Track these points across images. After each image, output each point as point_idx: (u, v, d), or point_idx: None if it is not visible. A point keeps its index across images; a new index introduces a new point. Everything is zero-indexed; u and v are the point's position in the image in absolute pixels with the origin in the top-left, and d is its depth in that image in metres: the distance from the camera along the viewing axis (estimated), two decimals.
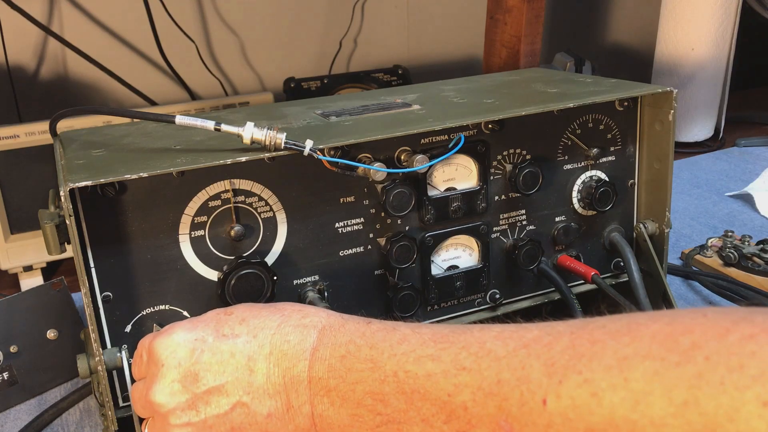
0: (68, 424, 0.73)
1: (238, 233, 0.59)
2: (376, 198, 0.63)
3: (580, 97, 0.67)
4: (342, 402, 0.43)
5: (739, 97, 1.74)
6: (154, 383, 0.47)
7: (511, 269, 0.71)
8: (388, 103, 0.71)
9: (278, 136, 0.55)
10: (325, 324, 0.46)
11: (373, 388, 0.42)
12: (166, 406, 0.46)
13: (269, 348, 0.45)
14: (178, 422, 0.46)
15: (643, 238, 0.73)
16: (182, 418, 0.46)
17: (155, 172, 0.53)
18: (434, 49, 1.63)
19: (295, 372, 0.45)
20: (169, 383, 0.46)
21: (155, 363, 0.47)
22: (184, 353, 0.46)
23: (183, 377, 0.46)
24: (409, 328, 0.44)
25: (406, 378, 0.41)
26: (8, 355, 0.75)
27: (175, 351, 0.47)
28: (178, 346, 0.47)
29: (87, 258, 0.55)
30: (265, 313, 0.48)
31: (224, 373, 0.46)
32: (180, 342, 0.47)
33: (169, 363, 0.46)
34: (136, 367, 0.51)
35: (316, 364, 0.44)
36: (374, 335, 0.44)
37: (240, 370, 0.45)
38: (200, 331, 0.47)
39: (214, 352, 0.46)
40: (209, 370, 0.46)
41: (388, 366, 0.42)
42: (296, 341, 0.45)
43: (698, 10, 1.41)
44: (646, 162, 0.73)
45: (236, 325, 0.47)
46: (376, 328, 0.45)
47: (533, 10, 1.18)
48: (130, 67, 1.32)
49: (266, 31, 1.45)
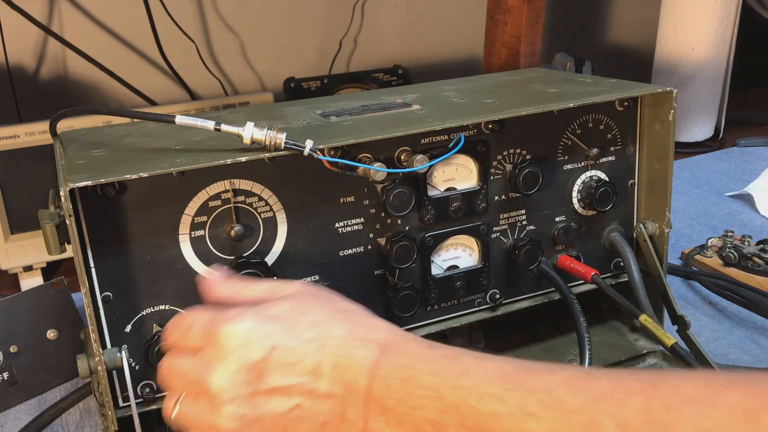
0: (68, 424, 0.73)
1: (238, 233, 0.59)
2: (376, 198, 0.63)
3: (580, 97, 0.67)
4: (398, 424, 0.43)
5: (739, 97, 1.74)
6: (216, 367, 0.46)
7: (511, 269, 0.71)
8: (388, 103, 0.71)
9: (278, 136, 0.55)
10: (389, 342, 0.46)
11: (433, 416, 0.42)
12: (223, 393, 0.46)
13: (335, 359, 0.45)
14: (233, 413, 0.46)
15: (643, 238, 0.73)
16: (238, 410, 0.46)
17: (155, 172, 0.53)
18: (434, 49, 1.63)
19: (355, 387, 0.45)
20: (234, 373, 0.46)
21: (219, 347, 0.46)
22: (255, 347, 0.46)
23: (249, 370, 0.46)
24: (472, 359, 0.44)
25: (469, 413, 0.40)
26: (8, 355, 0.75)
27: (247, 343, 0.46)
28: (250, 339, 0.46)
29: (87, 258, 0.55)
30: (336, 320, 0.48)
31: (291, 374, 0.46)
32: (252, 334, 0.46)
33: (237, 353, 0.46)
34: (179, 337, 0.50)
35: (376, 382, 0.44)
36: (437, 362, 0.44)
37: (306, 374, 0.45)
38: (274, 327, 0.47)
39: (284, 352, 0.46)
40: (277, 368, 0.46)
41: (450, 398, 0.41)
42: (360, 356, 0.45)
43: (698, 10, 1.41)
44: (646, 162, 0.73)
45: (309, 329, 0.47)
46: (439, 354, 0.45)
47: (533, 10, 1.18)
48: (130, 67, 1.32)
49: (266, 31, 1.45)
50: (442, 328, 0.69)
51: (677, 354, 0.66)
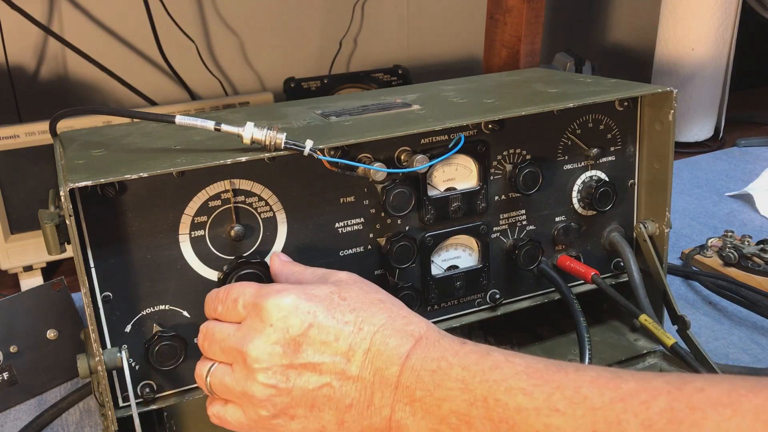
0: (68, 424, 0.73)
1: (238, 233, 0.59)
2: (376, 198, 0.63)
3: (580, 97, 0.67)
4: (424, 414, 0.44)
5: (739, 97, 1.74)
6: (256, 337, 0.48)
7: (511, 269, 0.71)
8: (388, 103, 0.71)
9: (278, 136, 0.55)
10: (423, 334, 0.48)
11: (460, 408, 0.43)
12: (260, 362, 0.47)
13: (369, 344, 0.47)
14: (266, 381, 0.48)
15: (643, 238, 0.73)
16: (271, 380, 0.47)
17: (155, 172, 0.53)
18: (434, 49, 1.63)
19: (385, 374, 0.46)
20: (272, 343, 0.48)
21: (261, 319, 0.48)
22: (294, 321, 0.48)
23: (287, 343, 0.47)
24: (503, 356, 0.44)
25: (496, 406, 0.41)
26: (8, 355, 0.75)
27: (288, 316, 0.48)
28: (291, 313, 0.48)
29: (87, 258, 0.55)
30: (374, 309, 0.49)
31: (325, 353, 0.47)
32: (294, 309, 0.48)
33: (277, 325, 0.48)
34: (221, 309, 0.52)
35: (407, 372, 0.46)
36: (467, 356, 0.45)
37: (339, 355, 0.47)
38: (314, 306, 0.48)
39: (321, 330, 0.48)
40: (312, 345, 0.47)
41: (478, 390, 0.42)
42: (394, 345, 0.47)
43: (698, 10, 1.41)
44: (646, 162, 0.73)
45: (347, 313, 0.49)
46: (470, 350, 0.46)
47: (533, 10, 1.18)
48: (130, 67, 1.32)
49: (266, 31, 1.45)
50: (442, 328, 0.68)
51: (677, 354, 0.66)
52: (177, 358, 0.58)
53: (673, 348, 0.65)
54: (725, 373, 0.69)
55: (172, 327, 0.58)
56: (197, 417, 0.65)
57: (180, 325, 0.59)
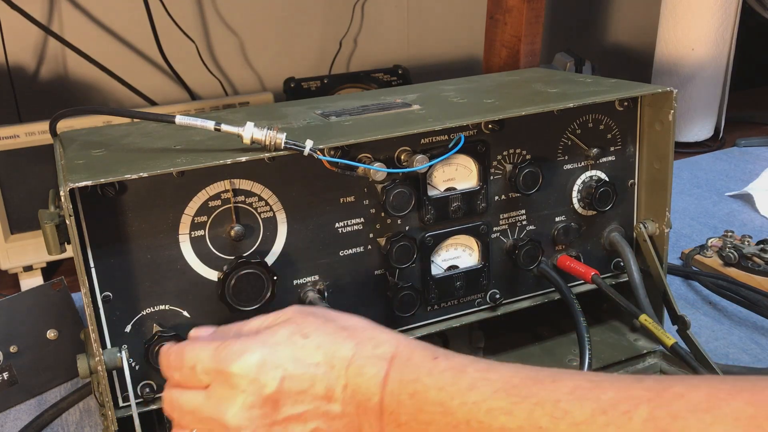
0: (68, 424, 0.73)
1: (238, 233, 0.58)
2: (376, 198, 0.63)
3: (580, 97, 0.67)
4: None
5: (739, 97, 1.74)
6: (230, 406, 0.47)
7: (511, 269, 0.71)
8: (388, 103, 0.71)
9: (278, 136, 0.55)
10: (394, 353, 0.47)
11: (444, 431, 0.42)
12: (243, 429, 0.46)
13: (345, 380, 0.46)
14: None
15: (643, 238, 0.73)
16: None
17: (155, 172, 0.53)
18: (434, 49, 1.63)
19: (369, 405, 0.45)
20: (248, 408, 0.46)
21: (231, 385, 0.47)
22: (265, 379, 0.46)
23: (263, 403, 0.46)
24: (478, 372, 0.44)
25: (480, 428, 0.41)
26: (8, 355, 0.75)
27: (257, 378, 0.46)
28: (260, 373, 0.46)
29: (87, 258, 0.55)
30: (339, 339, 0.48)
31: (304, 402, 0.46)
32: (261, 367, 0.47)
33: (249, 389, 0.46)
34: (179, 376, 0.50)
35: (387, 397, 0.45)
36: (442, 376, 0.44)
37: (318, 399, 0.46)
38: (280, 356, 0.47)
39: (294, 380, 0.46)
40: (290, 397, 0.46)
41: (459, 413, 0.42)
42: (369, 374, 0.46)
43: (698, 10, 1.41)
44: (646, 162, 0.73)
45: (314, 352, 0.47)
46: (444, 368, 0.45)
47: (533, 10, 1.18)
48: (130, 67, 1.32)
49: (266, 31, 1.45)
50: (442, 328, 0.69)
51: (677, 354, 0.66)
52: None
53: (673, 348, 0.65)
54: (725, 373, 0.69)
55: (172, 327, 0.58)
56: None
57: (180, 325, 0.59)
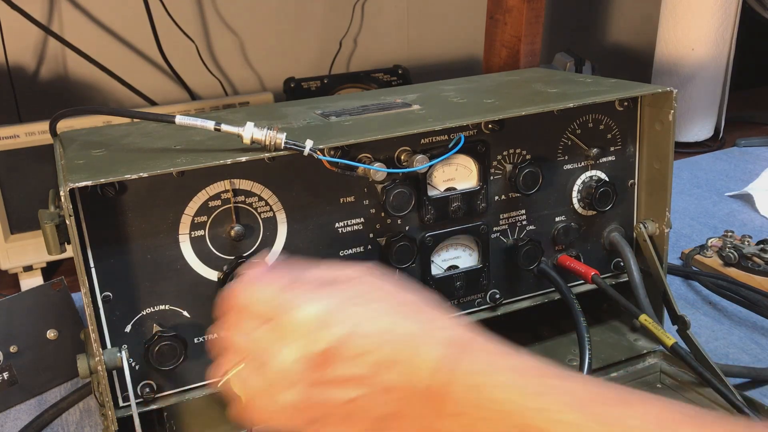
0: (68, 424, 0.73)
1: (238, 233, 0.59)
2: (376, 198, 0.63)
3: (580, 97, 0.67)
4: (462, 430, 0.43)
5: (739, 97, 1.74)
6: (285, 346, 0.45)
7: (511, 269, 0.71)
8: (388, 103, 0.71)
9: (278, 136, 0.55)
10: (455, 341, 0.45)
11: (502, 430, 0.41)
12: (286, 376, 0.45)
13: (400, 355, 0.45)
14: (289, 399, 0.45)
15: (643, 238, 0.73)
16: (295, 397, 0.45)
17: (155, 172, 0.53)
18: (434, 49, 1.63)
19: (418, 386, 0.44)
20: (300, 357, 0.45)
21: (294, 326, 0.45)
22: (324, 336, 0.45)
23: (314, 358, 0.45)
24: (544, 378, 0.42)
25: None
26: (8, 355, 0.75)
27: (322, 326, 0.45)
28: (327, 322, 0.45)
29: (87, 258, 0.55)
30: (407, 312, 0.47)
31: (356, 366, 0.45)
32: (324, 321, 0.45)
33: (310, 336, 0.45)
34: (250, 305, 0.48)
35: (442, 384, 0.44)
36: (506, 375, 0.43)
37: (370, 366, 0.45)
38: (348, 313, 0.45)
39: (357, 341, 0.45)
40: (347, 358, 0.45)
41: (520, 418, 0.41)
42: (425, 356, 0.44)
43: (698, 10, 1.41)
44: (646, 162, 0.73)
45: (381, 318, 0.46)
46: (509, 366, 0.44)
47: (533, 10, 1.18)
48: (130, 67, 1.32)
49: (266, 31, 1.45)
50: None
51: (677, 354, 0.66)
52: (177, 358, 0.58)
53: (673, 348, 0.65)
54: (725, 373, 0.69)
55: (172, 327, 0.58)
56: (197, 417, 0.65)
57: (180, 325, 0.59)
